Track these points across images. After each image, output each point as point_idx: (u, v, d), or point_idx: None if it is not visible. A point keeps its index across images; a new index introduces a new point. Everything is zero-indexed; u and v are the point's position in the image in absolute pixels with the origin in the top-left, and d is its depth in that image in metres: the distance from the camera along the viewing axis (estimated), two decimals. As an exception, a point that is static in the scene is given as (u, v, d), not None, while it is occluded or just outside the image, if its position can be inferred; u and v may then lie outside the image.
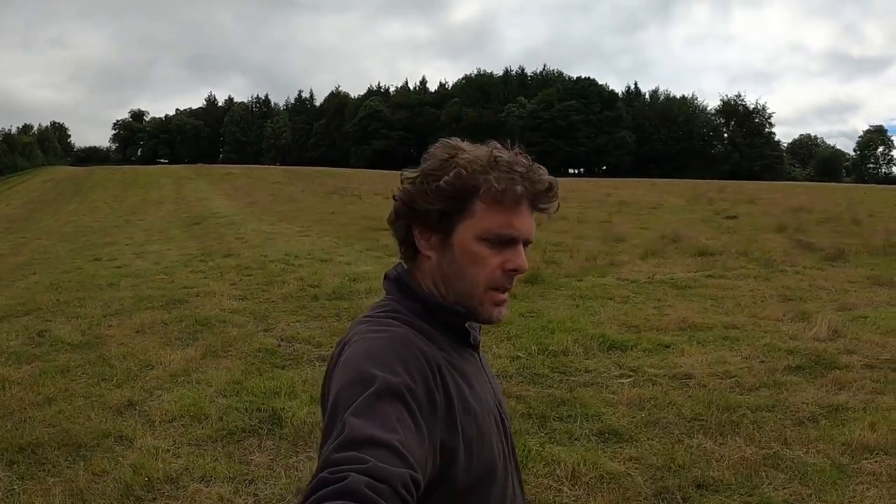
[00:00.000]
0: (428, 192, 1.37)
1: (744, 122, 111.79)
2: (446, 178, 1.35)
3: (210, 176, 54.18)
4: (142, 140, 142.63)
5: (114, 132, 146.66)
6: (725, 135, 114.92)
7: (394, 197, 1.45)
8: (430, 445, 1.20)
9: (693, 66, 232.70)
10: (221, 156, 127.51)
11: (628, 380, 6.59)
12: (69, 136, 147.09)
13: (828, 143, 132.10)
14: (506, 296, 1.43)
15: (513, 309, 8.93)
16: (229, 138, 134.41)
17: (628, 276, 12.01)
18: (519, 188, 1.34)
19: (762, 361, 6.99)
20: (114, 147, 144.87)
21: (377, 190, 38.36)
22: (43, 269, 14.81)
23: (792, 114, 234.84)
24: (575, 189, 37.89)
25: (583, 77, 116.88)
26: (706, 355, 7.21)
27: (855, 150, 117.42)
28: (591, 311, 9.31)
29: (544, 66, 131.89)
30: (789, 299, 10.05)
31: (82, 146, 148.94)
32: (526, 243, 1.41)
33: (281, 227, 21.67)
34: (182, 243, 18.97)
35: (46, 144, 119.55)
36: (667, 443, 5.16)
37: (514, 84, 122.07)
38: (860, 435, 5.05)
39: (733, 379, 6.48)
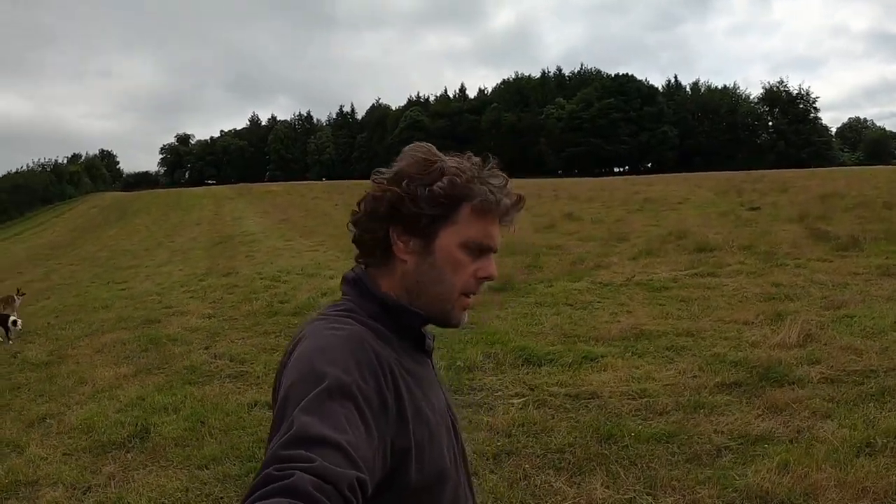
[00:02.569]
0: (418, 196, 1.36)
1: (788, 108, 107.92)
2: (440, 184, 1.35)
3: (251, 195, 54.51)
4: (189, 163, 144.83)
5: (161, 156, 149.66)
6: (770, 123, 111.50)
7: (372, 196, 1.41)
8: (380, 446, 1.18)
9: (735, 58, 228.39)
10: (267, 174, 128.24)
11: (521, 399, 5.91)
12: (118, 162, 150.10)
13: (878, 125, 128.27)
14: (472, 301, 1.45)
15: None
16: (274, 156, 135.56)
17: (606, 278, 11.27)
18: (506, 201, 1.38)
19: (694, 377, 6.12)
20: (162, 171, 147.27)
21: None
22: (58, 294, 15.45)
23: (840, 98, 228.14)
24: (606, 188, 37.11)
25: (621, 74, 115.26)
26: (633, 370, 6.43)
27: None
28: (536, 321, 8.67)
29: (581, 65, 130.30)
30: (773, 298, 9.15)
31: (132, 171, 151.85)
32: (494, 252, 1.44)
33: (297, 242, 21.86)
34: (195, 263, 19.43)
35: (94, 172, 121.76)
36: (508, 480, 4.46)
37: (552, 85, 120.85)
38: (763, 478, 4.14)
39: (645, 399, 5.66)
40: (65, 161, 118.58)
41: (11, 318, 10.70)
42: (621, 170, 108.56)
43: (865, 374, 5.97)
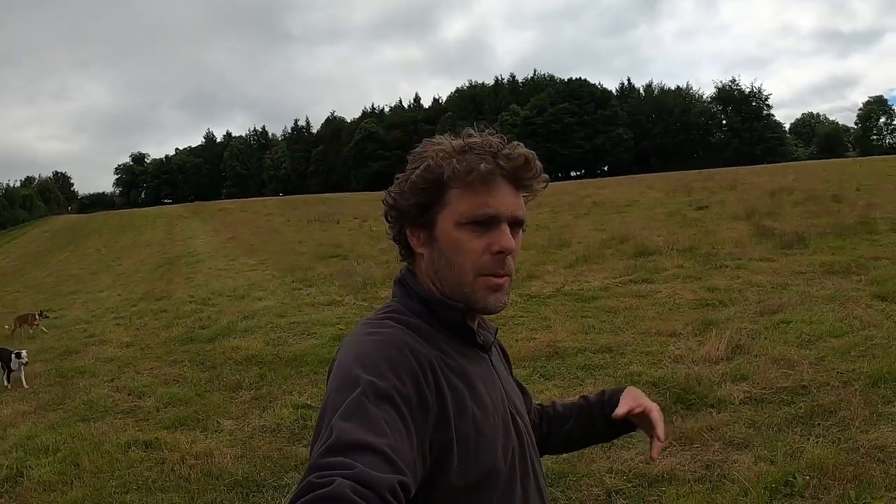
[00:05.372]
0: (404, 189, 1.38)
1: (741, 107, 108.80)
2: (417, 171, 1.35)
3: (204, 213, 53.76)
4: (144, 182, 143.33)
5: (116, 177, 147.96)
6: (724, 122, 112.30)
7: (383, 201, 1.45)
8: (420, 446, 1.16)
9: (687, 60, 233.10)
10: (224, 191, 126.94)
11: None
12: (72, 184, 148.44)
13: (831, 119, 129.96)
14: (502, 280, 1.36)
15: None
16: (230, 173, 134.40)
17: (536, 289, 10.74)
18: (483, 165, 1.31)
19: (604, 402, 5.52)
20: (118, 192, 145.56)
21: (358, 213, 37.89)
22: (-8, 324, 15.04)
23: (791, 96, 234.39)
24: (555, 193, 36.57)
25: (574, 78, 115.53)
26: (535, 395, 5.70)
27: (856, 124, 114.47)
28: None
29: (535, 71, 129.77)
30: (706, 304, 8.67)
31: (87, 193, 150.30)
32: (513, 223, 1.36)
33: (239, 262, 21.35)
34: (134, 287, 18.93)
35: (48, 195, 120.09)
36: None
37: (506, 92, 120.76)
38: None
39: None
40: (17, 184, 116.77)
41: (15, 353, 8.78)
42: (578, 174, 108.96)
43: (796, 391, 5.42)
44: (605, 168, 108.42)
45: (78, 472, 5.52)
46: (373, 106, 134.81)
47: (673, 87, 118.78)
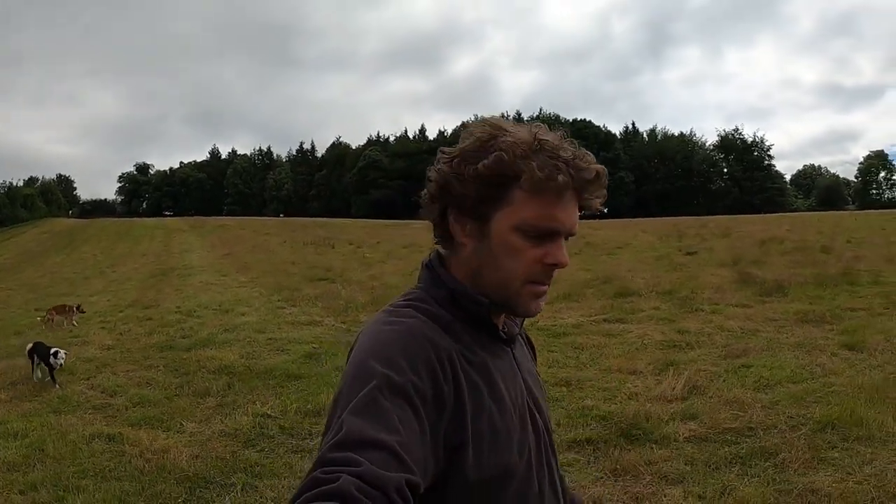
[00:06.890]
0: (465, 175, 1.26)
1: (743, 156, 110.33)
2: (485, 161, 1.25)
3: (203, 228, 54.21)
4: (147, 193, 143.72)
5: (119, 185, 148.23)
6: (725, 170, 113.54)
7: (427, 177, 1.34)
8: (433, 442, 1.14)
9: (690, 108, 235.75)
10: (225, 208, 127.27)
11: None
12: (75, 188, 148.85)
13: (832, 172, 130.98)
14: (545, 288, 1.33)
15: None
16: (232, 190, 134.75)
17: (510, 323, 10.77)
18: (562, 177, 1.23)
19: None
20: (119, 200, 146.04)
21: (354, 239, 38.50)
22: (-19, 319, 14.98)
23: (792, 148, 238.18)
24: (551, 231, 36.95)
25: (579, 119, 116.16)
26: None
27: (856, 177, 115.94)
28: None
29: (540, 110, 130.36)
30: (673, 346, 8.81)
31: (89, 198, 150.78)
32: (568, 236, 1.32)
33: (231, 277, 21.58)
34: (124, 295, 19.03)
35: (50, 196, 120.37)
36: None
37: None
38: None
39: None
40: (20, 183, 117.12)
41: (53, 351, 8.43)
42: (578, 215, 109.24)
43: (742, 432, 5.53)
44: (605, 210, 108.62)
45: (41, 457, 5.80)
46: (378, 134, 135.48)
47: (676, 133, 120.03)
